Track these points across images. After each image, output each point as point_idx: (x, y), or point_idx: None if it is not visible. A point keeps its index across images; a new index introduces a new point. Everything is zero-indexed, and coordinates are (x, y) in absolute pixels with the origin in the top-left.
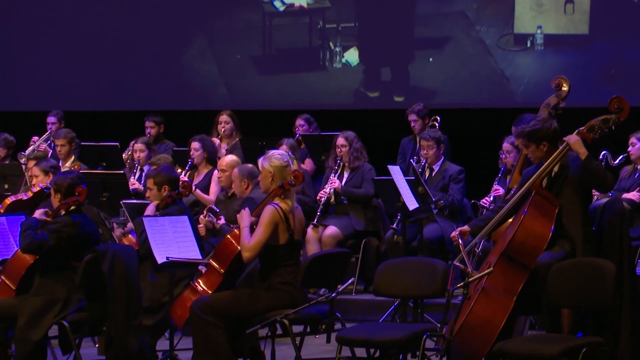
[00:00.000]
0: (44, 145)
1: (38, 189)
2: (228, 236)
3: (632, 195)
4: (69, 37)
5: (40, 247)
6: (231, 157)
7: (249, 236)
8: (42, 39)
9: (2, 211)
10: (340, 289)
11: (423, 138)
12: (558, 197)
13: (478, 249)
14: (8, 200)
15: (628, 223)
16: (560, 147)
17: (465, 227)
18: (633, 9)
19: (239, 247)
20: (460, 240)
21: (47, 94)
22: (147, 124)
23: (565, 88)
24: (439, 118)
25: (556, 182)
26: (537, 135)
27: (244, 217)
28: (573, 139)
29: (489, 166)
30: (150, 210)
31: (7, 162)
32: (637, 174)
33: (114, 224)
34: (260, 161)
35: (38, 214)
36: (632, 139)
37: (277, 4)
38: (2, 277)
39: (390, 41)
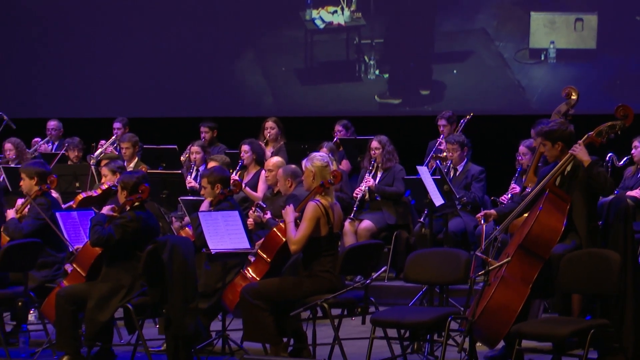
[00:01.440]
0: (110, 148)
1: (106, 186)
2: (274, 229)
3: (635, 192)
4: (134, 52)
5: (108, 241)
6: (277, 159)
7: (294, 231)
8: (110, 54)
9: (74, 206)
10: (374, 276)
11: (449, 142)
12: (569, 194)
13: (498, 238)
14: (79, 197)
15: (631, 218)
16: (566, 157)
17: (492, 211)
18: (636, 27)
19: (284, 239)
20: (483, 221)
21: (114, 102)
22: (202, 129)
23: (574, 97)
24: (470, 116)
25: (567, 182)
26: (554, 135)
27: (289, 212)
28: (577, 149)
29: (506, 167)
30: (204, 206)
31: (78, 163)
32: (639, 174)
33: (173, 218)
34: (303, 162)
35: (106, 209)
36: (636, 142)
37: (318, 22)
38: (74, 265)
39: (419, 55)
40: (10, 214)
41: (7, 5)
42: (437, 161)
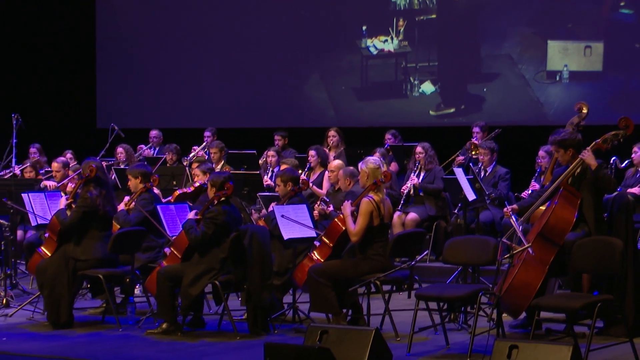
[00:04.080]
0: (201, 153)
1: (198, 184)
2: (335, 220)
3: (635, 190)
4: (222, 74)
5: (203, 239)
6: (337, 162)
7: (353, 224)
8: (202, 75)
9: (172, 201)
10: (418, 259)
11: (481, 147)
12: (579, 191)
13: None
14: (176, 193)
15: (632, 211)
16: (576, 161)
17: (514, 206)
18: (636, 53)
19: (343, 228)
20: (511, 214)
21: (204, 115)
22: (276, 137)
23: (585, 110)
24: (498, 130)
25: (578, 181)
26: (565, 143)
27: (346, 206)
28: (585, 155)
29: (528, 168)
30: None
31: (175, 165)
32: (638, 174)
33: (252, 211)
34: (360, 165)
35: (192, 215)
36: (635, 148)
37: (372, 49)
38: (172, 249)
39: (456, 76)
40: (120, 207)
41: (120, 37)
42: (471, 163)
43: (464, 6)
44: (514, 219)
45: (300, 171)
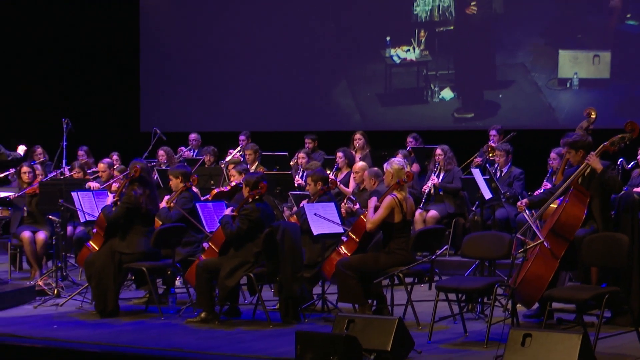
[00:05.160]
0: (237, 155)
1: (234, 184)
2: (361, 216)
3: None
4: (256, 82)
5: (238, 234)
6: (361, 164)
7: (373, 214)
8: (237, 83)
9: (210, 199)
10: (438, 253)
11: (498, 149)
12: (588, 190)
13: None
14: (214, 192)
15: (637, 209)
16: (583, 165)
17: (525, 200)
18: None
19: None
20: (525, 208)
21: (239, 119)
22: (306, 139)
23: (593, 115)
24: (513, 133)
25: (587, 181)
26: (577, 144)
27: (372, 200)
28: (591, 159)
29: (540, 169)
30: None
31: (212, 166)
32: None
33: (284, 208)
34: (385, 165)
35: (228, 211)
36: None
37: (395, 58)
38: (210, 244)
39: (473, 83)
40: (162, 204)
41: (161, 48)
42: (487, 164)
43: (481, 18)
44: (527, 212)
45: (328, 171)
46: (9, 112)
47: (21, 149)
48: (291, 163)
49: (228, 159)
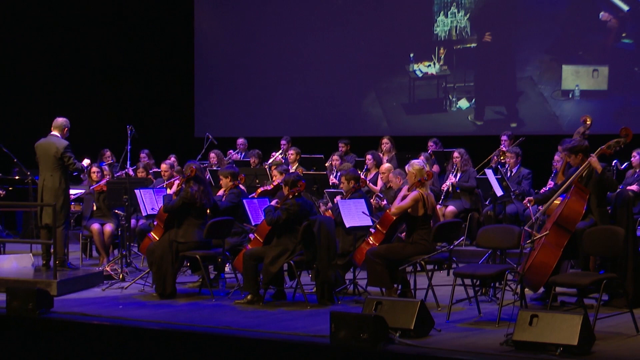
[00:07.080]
0: (279, 157)
1: (276, 182)
2: (387, 211)
3: (633, 187)
4: (296, 92)
5: (277, 221)
6: (386, 165)
7: (399, 202)
8: (280, 94)
9: (255, 196)
10: (455, 244)
11: (509, 151)
12: (587, 188)
13: (541, 218)
14: (259, 190)
15: (632, 204)
16: (583, 165)
17: (531, 197)
18: (635, 75)
19: (394, 218)
20: (529, 205)
21: (282, 125)
22: (340, 144)
23: (588, 122)
24: (522, 138)
25: (586, 179)
26: (575, 149)
27: (403, 190)
28: (592, 160)
29: (546, 169)
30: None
31: (257, 167)
32: (636, 174)
33: (320, 204)
34: (406, 167)
35: (273, 202)
36: (634, 153)
37: (418, 72)
38: (255, 235)
39: (487, 94)
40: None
41: (213, 61)
42: (499, 165)
43: (494, 36)
44: (531, 209)
45: (359, 171)
46: (85, 121)
47: (85, 162)
48: (326, 164)
49: (271, 160)
